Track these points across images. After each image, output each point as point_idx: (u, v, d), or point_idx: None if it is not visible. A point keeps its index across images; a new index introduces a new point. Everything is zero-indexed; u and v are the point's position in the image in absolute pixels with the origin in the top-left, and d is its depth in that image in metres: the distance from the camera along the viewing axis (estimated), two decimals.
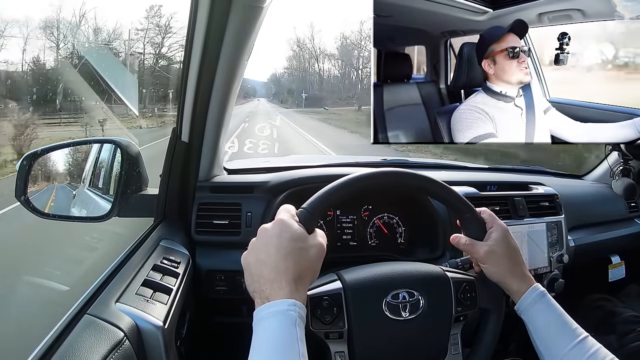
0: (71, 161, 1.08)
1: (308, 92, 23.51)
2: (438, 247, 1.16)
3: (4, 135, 8.91)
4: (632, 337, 1.30)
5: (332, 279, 0.70)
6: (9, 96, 11.77)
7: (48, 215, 0.96)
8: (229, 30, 0.87)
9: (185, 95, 0.98)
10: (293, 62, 24.66)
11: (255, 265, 0.60)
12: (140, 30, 16.36)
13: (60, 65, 13.72)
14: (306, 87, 23.77)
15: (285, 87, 24.87)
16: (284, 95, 24.55)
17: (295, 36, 26.10)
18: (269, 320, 0.55)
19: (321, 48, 23.39)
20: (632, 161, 1.58)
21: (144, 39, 16.28)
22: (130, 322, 0.67)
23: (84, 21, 14.48)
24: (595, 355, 0.63)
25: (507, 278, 0.71)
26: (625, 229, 1.56)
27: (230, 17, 0.85)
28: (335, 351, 0.67)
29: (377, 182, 0.71)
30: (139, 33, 16.39)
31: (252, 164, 1.40)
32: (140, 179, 1.07)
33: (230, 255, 1.05)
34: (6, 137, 8.78)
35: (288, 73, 25.58)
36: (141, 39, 16.17)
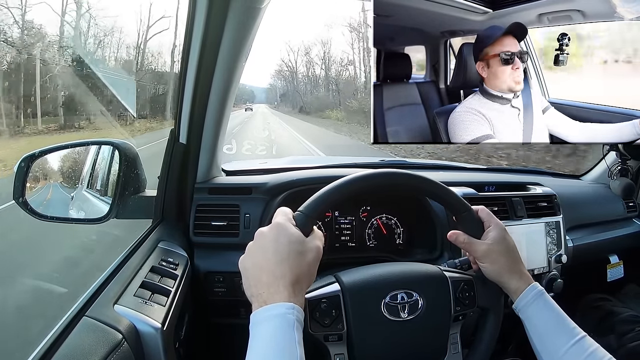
0: (69, 163, 1.08)
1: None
2: (436, 247, 1.16)
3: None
4: (630, 336, 1.30)
5: (330, 282, 0.70)
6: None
7: (46, 217, 0.95)
8: (227, 32, 0.87)
9: (183, 97, 0.98)
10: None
11: (253, 269, 0.60)
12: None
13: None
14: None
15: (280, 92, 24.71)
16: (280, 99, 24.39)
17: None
18: (267, 323, 0.55)
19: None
20: (630, 161, 1.59)
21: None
22: (129, 324, 0.67)
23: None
24: (593, 355, 0.63)
25: (505, 277, 0.71)
26: (623, 229, 1.56)
27: (229, 18, 0.85)
28: (334, 353, 0.66)
29: (373, 183, 0.71)
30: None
31: (250, 165, 1.40)
32: (138, 180, 1.06)
33: (229, 256, 1.05)
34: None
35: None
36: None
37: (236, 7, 0.83)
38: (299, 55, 23.23)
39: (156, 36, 15.78)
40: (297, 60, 23.26)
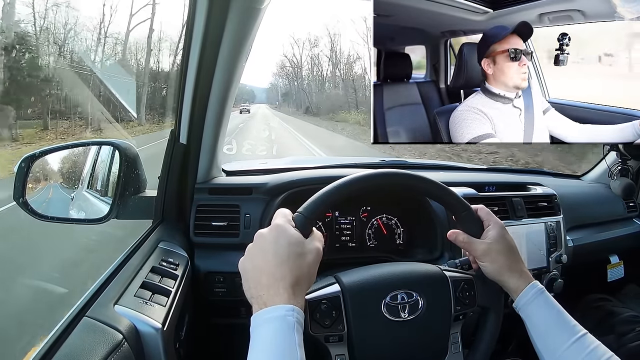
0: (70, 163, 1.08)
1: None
2: (437, 248, 1.16)
3: None
4: (631, 337, 1.30)
5: (330, 282, 0.70)
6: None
7: (46, 218, 0.95)
8: (227, 32, 0.87)
9: (183, 97, 0.98)
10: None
11: (253, 271, 0.60)
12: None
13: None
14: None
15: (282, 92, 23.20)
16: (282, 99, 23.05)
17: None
18: (267, 325, 0.55)
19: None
20: (631, 161, 1.59)
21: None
22: (129, 325, 0.67)
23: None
24: (594, 352, 0.63)
25: (505, 275, 0.71)
26: (623, 229, 1.57)
27: (229, 18, 0.85)
28: (335, 354, 0.66)
29: (373, 183, 0.71)
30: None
31: (250, 165, 1.40)
32: (138, 180, 1.06)
33: (229, 256, 1.05)
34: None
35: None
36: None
37: (236, 7, 0.83)
38: (304, 49, 21.13)
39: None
40: (302, 54, 21.22)
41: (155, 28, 15.93)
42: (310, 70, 21.79)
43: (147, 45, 16.22)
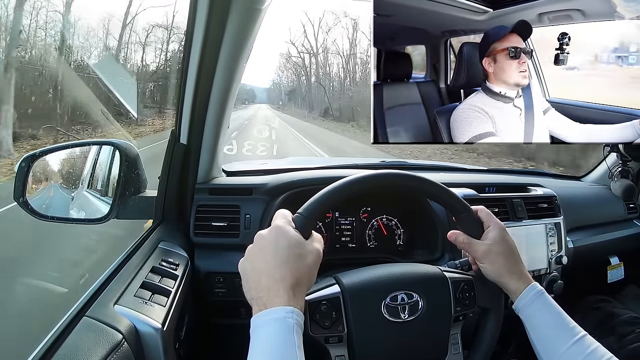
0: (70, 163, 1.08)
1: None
2: (437, 248, 1.16)
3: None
4: (631, 338, 1.30)
5: (330, 283, 0.69)
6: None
7: (46, 217, 0.95)
8: (227, 32, 0.87)
9: (184, 97, 0.98)
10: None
11: (252, 272, 0.60)
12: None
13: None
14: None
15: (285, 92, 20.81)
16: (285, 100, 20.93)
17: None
18: (267, 327, 0.55)
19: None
20: (631, 162, 1.58)
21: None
22: (129, 325, 0.67)
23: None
24: (594, 353, 0.63)
25: (505, 277, 0.71)
26: (624, 230, 1.56)
27: (229, 19, 0.85)
28: (335, 355, 0.66)
29: (373, 184, 0.71)
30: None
31: (250, 166, 1.40)
32: (139, 180, 1.06)
33: (229, 257, 1.05)
34: None
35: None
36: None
37: (237, 8, 0.84)
38: (319, 31, 14.96)
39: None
40: (317, 37, 15.12)
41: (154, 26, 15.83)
42: (324, 58, 15.91)
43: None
